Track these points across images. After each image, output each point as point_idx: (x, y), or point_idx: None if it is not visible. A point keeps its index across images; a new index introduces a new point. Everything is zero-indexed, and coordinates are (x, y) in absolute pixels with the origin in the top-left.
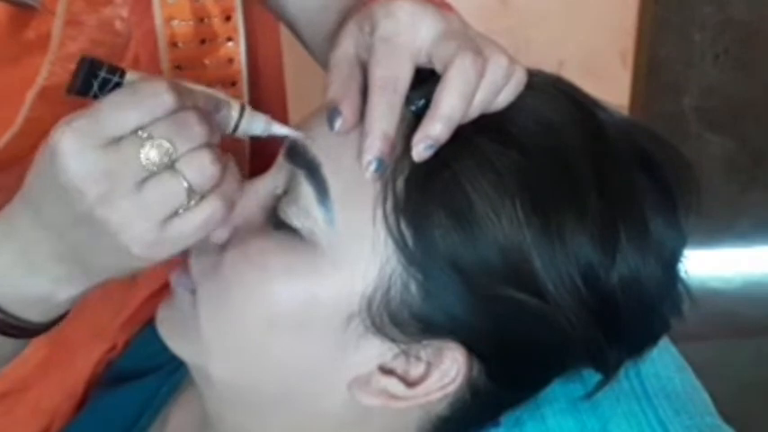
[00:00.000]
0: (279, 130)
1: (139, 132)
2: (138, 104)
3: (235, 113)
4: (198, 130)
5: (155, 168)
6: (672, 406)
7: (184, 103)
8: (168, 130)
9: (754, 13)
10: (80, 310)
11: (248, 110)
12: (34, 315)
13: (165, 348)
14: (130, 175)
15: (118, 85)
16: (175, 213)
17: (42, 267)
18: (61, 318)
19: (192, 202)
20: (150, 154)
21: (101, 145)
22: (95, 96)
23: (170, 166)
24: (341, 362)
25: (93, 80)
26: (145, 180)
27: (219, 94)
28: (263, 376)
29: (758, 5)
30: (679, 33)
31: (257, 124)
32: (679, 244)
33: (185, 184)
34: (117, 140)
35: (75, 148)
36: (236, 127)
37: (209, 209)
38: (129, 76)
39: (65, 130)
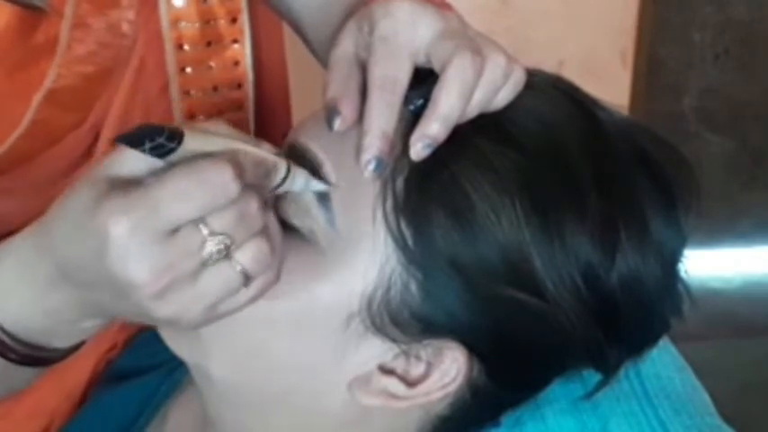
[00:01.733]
0: (317, 186)
1: (201, 227)
2: (201, 196)
3: (281, 174)
4: (257, 219)
5: (212, 261)
6: (672, 406)
7: (245, 186)
8: (230, 223)
9: (754, 13)
10: None
11: (293, 169)
12: (57, 342)
13: (164, 347)
14: (188, 270)
15: (172, 150)
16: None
17: (63, 314)
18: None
19: (244, 287)
20: (210, 247)
21: (159, 239)
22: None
23: (228, 255)
24: (341, 361)
25: (147, 141)
26: (201, 270)
27: (268, 153)
28: (263, 376)
29: (758, 5)
30: (679, 33)
31: (299, 180)
32: (679, 244)
33: (241, 271)
34: (175, 230)
35: (132, 244)
36: (280, 184)
37: (262, 286)
38: (188, 138)
39: (120, 220)
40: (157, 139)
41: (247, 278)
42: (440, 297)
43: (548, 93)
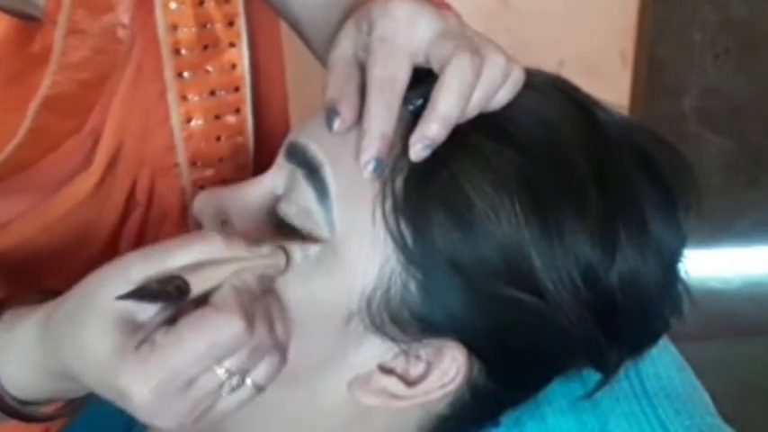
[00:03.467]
0: (313, 249)
1: (217, 371)
2: (216, 353)
3: (282, 265)
4: (268, 342)
5: (230, 390)
6: (672, 406)
7: (254, 318)
8: (244, 360)
9: (754, 13)
10: None
11: (290, 253)
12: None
13: None
14: (208, 404)
15: (180, 300)
16: None
17: (72, 393)
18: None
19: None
20: (228, 385)
21: (180, 393)
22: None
23: (243, 380)
24: (341, 361)
25: (155, 298)
26: (219, 398)
27: (265, 257)
28: None
29: (758, 5)
30: (679, 33)
31: (297, 256)
32: (679, 244)
33: (255, 387)
34: (194, 378)
35: (155, 405)
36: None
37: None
38: (194, 285)
39: (142, 390)
40: (165, 294)
41: (262, 390)
42: (439, 297)
43: (547, 92)
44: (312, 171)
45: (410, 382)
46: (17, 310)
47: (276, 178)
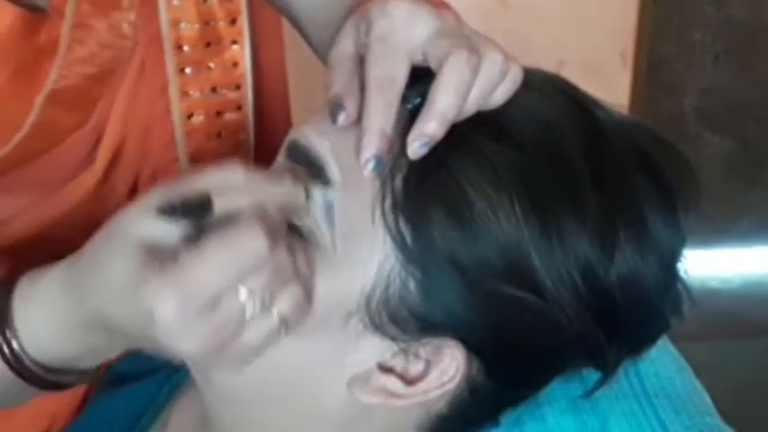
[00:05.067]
0: (330, 193)
1: (241, 290)
2: (238, 266)
3: (302, 200)
4: (289, 267)
5: (254, 318)
6: (672, 406)
7: (276, 239)
8: (266, 280)
9: (754, 13)
10: None
11: (310, 190)
12: (84, 365)
13: None
14: (233, 331)
15: (203, 217)
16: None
17: (98, 350)
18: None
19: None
20: (251, 308)
21: (204, 312)
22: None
23: (267, 307)
24: (340, 360)
25: (179, 213)
26: (244, 326)
27: (287, 186)
28: (263, 375)
29: (758, 5)
30: (679, 33)
31: (317, 195)
32: (678, 243)
33: (280, 320)
34: (218, 297)
35: (179, 323)
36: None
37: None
38: (217, 203)
39: (166, 300)
40: (189, 209)
41: (287, 324)
42: (438, 295)
43: (546, 91)
44: (313, 169)
45: (409, 381)
46: (34, 273)
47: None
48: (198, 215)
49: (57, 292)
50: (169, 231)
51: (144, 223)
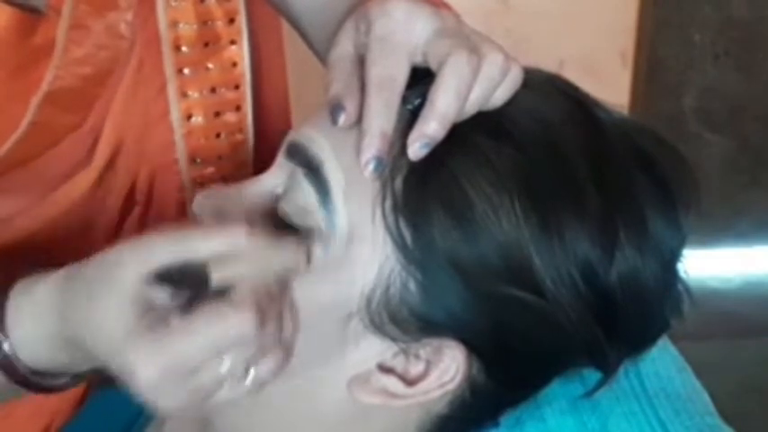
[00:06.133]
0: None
1: (224, 362)
2: (226, 345)
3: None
4: (277, 338)
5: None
6: (672, 406)
7: (267, 313)
8: (249, 353)
9: (754, 13)
10: None
11: (305, 247)
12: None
13: None
14: (208, 392)
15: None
16: None
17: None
18: None
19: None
20: (231, 375)
21: (184, 378)
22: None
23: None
24: (340, 360)
25: (171, 286)
26: (221, 387)
27: (285, 252)
28: None
29: (758, 5)
30: (679, 33)
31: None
32: (678, 243)
33: (254, 381)
34: (199, 366)
35: (159, 384)
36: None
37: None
38: (215, 274)
39: (148, 364)
40: (186, 281)
41: (262, 384)
42: (439, 296)
43: (546, 91)
44: (312, 170)
45: (410, 382)
46: (32, 277)
47: (276, 177)
48: (194, 287)
49: (50, 305)
50: (164, 298)
51: (143, 283)
